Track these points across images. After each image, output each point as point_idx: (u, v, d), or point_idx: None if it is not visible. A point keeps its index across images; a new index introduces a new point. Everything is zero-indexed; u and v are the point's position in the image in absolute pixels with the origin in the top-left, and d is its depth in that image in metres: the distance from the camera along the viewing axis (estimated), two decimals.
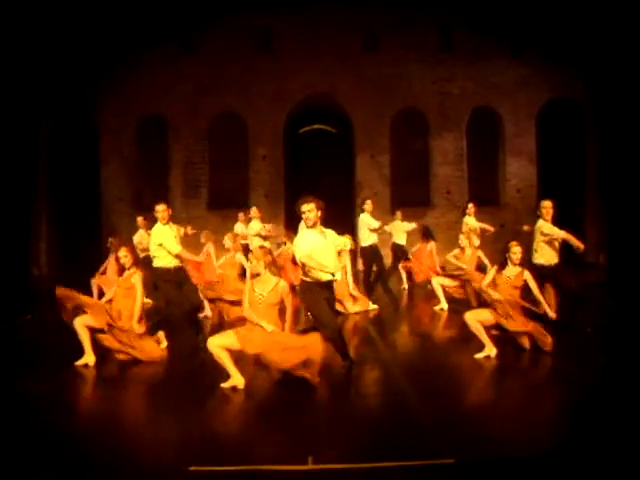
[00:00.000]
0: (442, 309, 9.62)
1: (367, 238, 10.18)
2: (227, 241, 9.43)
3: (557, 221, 7.71)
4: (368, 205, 10.33)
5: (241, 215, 12.76)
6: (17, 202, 14.17)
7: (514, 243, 6.86)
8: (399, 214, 12.35)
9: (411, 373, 5.85)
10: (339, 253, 8.68)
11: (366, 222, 10.19)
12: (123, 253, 6.55)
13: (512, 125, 16.42)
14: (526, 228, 8.35)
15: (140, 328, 6.45)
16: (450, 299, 9.66)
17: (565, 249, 7.79)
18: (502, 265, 6.83)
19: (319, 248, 5.78)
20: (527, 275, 6.73)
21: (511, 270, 6.77)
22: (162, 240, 7.12)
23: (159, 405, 5.20)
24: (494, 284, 6.78)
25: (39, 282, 14.14)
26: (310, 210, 5.78)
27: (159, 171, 16.36)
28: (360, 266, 11.92)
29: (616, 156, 15.26)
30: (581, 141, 16.72)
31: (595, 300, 9.52)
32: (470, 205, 11.34)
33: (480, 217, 11.38)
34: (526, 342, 6.62)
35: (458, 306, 9.18)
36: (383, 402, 5.09)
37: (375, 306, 9.78)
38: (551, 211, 7.66)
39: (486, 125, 16.67)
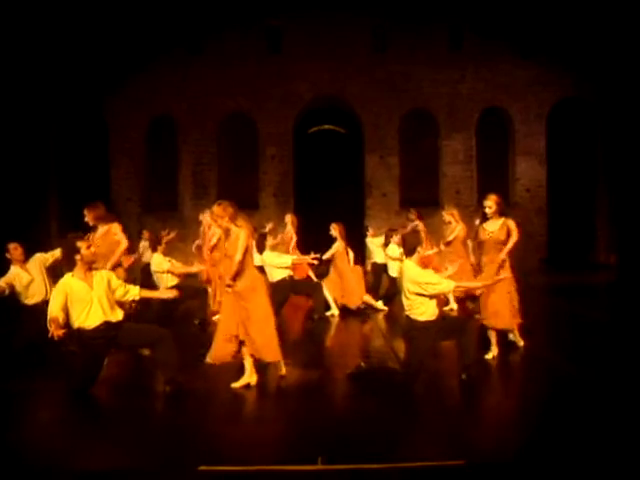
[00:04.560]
0: (452, 309, 9.58)
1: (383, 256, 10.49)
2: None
3: (567, 222, 7.62)
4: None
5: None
6: (28, 201, 14.26)
7: (487, 196, 6.51)
8: (371, 230, 11.30)
9: (421, 375, 5.82)
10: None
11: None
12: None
13: (522, 125, 16.35)
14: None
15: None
16: (457, 299, 9.62)
17: (574, 250, 7.72)
18: (484, 218, 6.52)
19: None
20: (510, 223, 6.34)
21: (494, 224, 6.42)
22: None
23: (167, 404, 5.20)
24: (479, 242, 6.58)
25: None
26: None
27: (168, 172, 16.39)
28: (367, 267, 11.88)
29: (626, 156, 15.15)
30: (591, 141, 16.63)
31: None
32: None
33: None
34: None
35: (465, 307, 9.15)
36: (392, 403, 5.08)
37: (385, 307, 9.81)
38: None
39: (496, 125, 16.60)
